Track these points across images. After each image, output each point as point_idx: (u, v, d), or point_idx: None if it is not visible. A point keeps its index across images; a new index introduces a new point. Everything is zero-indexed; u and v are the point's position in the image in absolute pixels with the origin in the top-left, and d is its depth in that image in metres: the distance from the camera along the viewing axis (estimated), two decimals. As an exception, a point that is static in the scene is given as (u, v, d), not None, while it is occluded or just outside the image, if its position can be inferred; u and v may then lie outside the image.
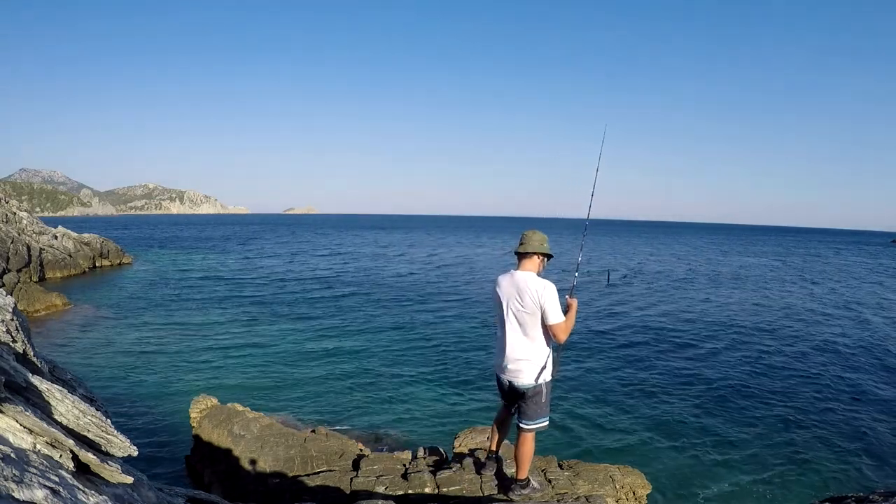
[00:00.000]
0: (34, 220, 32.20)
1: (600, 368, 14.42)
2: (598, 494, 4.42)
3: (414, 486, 4.56)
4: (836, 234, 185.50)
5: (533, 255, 3.69)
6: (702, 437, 10.34)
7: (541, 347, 3.64)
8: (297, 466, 6.14)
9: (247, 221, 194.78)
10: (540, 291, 3.51)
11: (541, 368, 3.64)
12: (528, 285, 3.55)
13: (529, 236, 3.71)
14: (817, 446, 10.09)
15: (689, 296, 27.31)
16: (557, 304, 3.55)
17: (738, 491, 8.53)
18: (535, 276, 3.64)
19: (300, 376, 13.34)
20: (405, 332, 18.16)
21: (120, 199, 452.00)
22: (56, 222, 37.52)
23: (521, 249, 3.69)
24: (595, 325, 19.52)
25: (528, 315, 3.56)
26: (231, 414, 7.83)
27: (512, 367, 3.67)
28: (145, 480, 2.46)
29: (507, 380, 3.74)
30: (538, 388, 3.66)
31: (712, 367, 14.80)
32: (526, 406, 3.72)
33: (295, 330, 18.21)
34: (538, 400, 3.69)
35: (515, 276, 3.66)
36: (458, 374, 13.69)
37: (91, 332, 17.40)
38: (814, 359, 15.86)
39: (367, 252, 52.59)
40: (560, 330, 3.56)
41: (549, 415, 3.84)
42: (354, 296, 25.46)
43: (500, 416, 4.19)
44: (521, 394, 3.70)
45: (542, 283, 3.57)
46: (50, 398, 1.86)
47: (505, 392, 3.89)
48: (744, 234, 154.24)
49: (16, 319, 2.29)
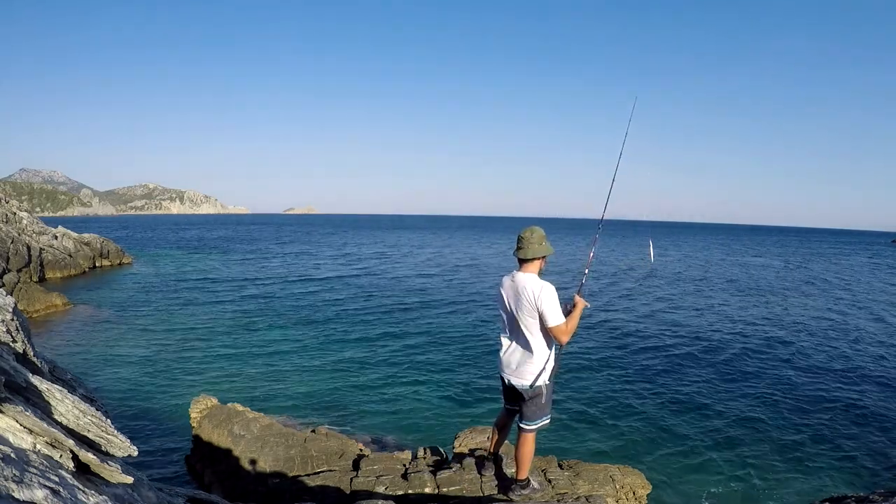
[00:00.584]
0: (34, 220, 32.21)
1: (601, 368, 14.42)
2: (598, 494, 4.42)
3: (414, 486, 4.56)
4: (833, 235, 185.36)
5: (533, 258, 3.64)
6: (702, 437, 10.35)
7: (541, 349, 3.62)
8: (298, 466, 6.15)
9: (247, 221, 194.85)
10: (537, 294, 3.48)
11: (540, 370, 3.64)
12: (526, 287, 3.53)
13: (528, 238, 3.61)
14: (817, 446, 10.09)
15: (690, 295, 27.32)
16: (556, 305, 3.50)
17: (739, 491, 8.54)
18: (536, 277, 3.60)
19: (300, 376, 13.35)
20: (406, 333, 18.15)
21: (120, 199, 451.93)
22: (56, 222, 37.52)
23: (520, 255, 3.62)
24: (596, 326, 19.53)
25: (528, 317, 3.55)
26: (231, 414, 7.83)
27: (512, 369, 3.71)
28: (145, 480, 2.46)
29: (507, 379, 3.77)
30: (538, 389, 3.67)
31: (713, 367, 14.79)
32: (526, 407, 3.74)
33: (295, 330, 18.21)
34: (538, 401, 3.70)
35: (516, 277, 3.65)
36: (459, 375, 13.69)
37: (91, 332, 17.40)
38: (814, 359, 15.86)
39: (367, 252, 52.59)
40: (560, 332, 3.51)
41: (551, 414, 3.85)
42: (355, 296, 25.45)
43: (501, 419, 4.20)
44: (521, 394, 3.72)
45: (540, 285, 3.52)
46: (50, 398, 1.86)
47: (507, 392, 3.91)
48: (744, 235, 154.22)
49: (16, 319, 2.29)
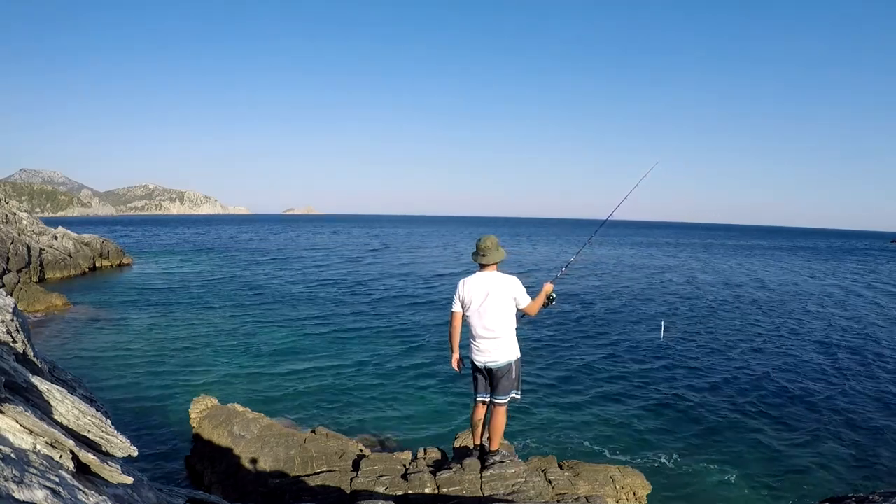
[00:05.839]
0: (34, 221, 32.20)
1: (601, 369, 14.42)
2: (598, 495, 4.43)
3: (414, 487, 4.55)
4: (830, 236, 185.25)
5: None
6: (702, 437, 10.34)
7: (510, 331, 4.38)
8: (298, 467, 6.15)
9: (247, 221, 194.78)
10: (511, 283, 4.36)
11: (510, 348, 4.37)
12: (500, 281, 4.36)
13: (488, 248, 4.37)
14: (818, 446, 10.08)
15: (691, 296, 27.33)
16: (524, 290, 4.39)
17: (739, 491, 8.53)
18: (500, 273, 4.44)
19: (300, 376, 13.33)
20: (407, 333, 18.15)
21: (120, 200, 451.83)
22: (56, 223, 37.50)
23: (483, 262, 4.40)
24: (596, 328, 19.52)
25: (503, 304, 4.31)
26: (231, 414, 7.84)
27: (489, 353, 4.36)
28: (145, 481, 2.46)
29: (483, 362, 4.39)
30: (510, 365, 4.37)
31: (713, 368, 14.79)
32: (500, 384, 4.38)
33: (295, 330, 18.20)
34: (510, 376, 4.39)
35: (485, 276, 4.40)
36: (459, 375, 13.67)
37: (91, 332, 17.39)
38: (814, 360, 15.86)
39: (368, 252, 52.57)
40: (531, 309, 4.40)
41: (520, 390, 4.54)
42: (356, 296, 25.45)
43: (477, 413, 4.70)
44: (495, 375, 4.38)
45: (509, 277, 4.40)
46: (50, 398, 1.86)
47: (480, 382, 4.54)
48: (744, 235, 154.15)
49: (16, 320, 2.30)
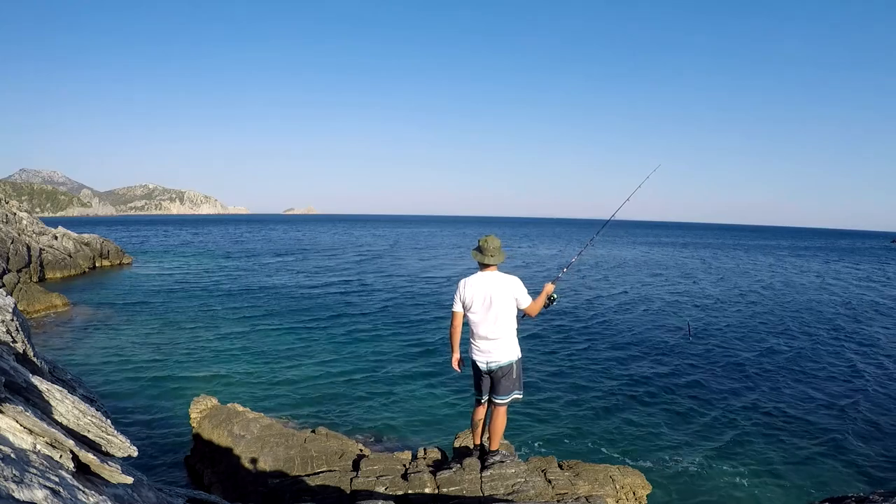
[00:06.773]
0: (34, 221, 32.18)
1: (602, 369, 14.42)
2: (598, 495, 4.42)
3: (414, 487, 4.55)
4: (831, 236, 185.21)
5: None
6: (702, 437, 10.34)
7: (511, 331, 4.35)
8: (297, 467, 6.15)
9: (247, 221, 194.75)
10: (513, 284, 4.32)
11: (511, 348, 4.34)
12: (502, 281, 4.32)
13: (493, 248, 4.35)
14: (818, 446, 10.09)
15: (692, 295, 27.33)
16: (525, 290, 4.35)
17: (739, 491, 8.53)
18: (500, 273, 4.41)
19: (301, 376, 13.33)
20: (407, 333, 18.14)
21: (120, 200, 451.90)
22: (56, 222, 37.49)
23: (487, 262, 4.36)
24: (596, 328, 19.53)
25: (505, 304, 4.27)
26: (231, 414, 7.83)
27: (490, 353, 4.33)
28: (145, 481, 2.46)
29: (484, 362, 4.35)
30: (510, 365, 4.33)
31: (713, 368, 14.79)
32: (500, 384, 4.35)
33: (296, 330, 18.20)
34: (510, 376, 4.35)
35: (487, 276, 4.36)
36: (460, 375, 13.67)
37: (91, 332, 17.39)
38: (814, 360, 15.86)
39: (368, 253, 52.58)
40: (532, 309, 4.36)
41: (521, 390, 4.51)
42: (356, 296, 25.44)
43: (478, 413, 4.71)
44: (496, 374, 4.35)
45: (511, 277, 4.36)
46: (50, 398, 1.86)
47: (480, 382, 4.51)
48: (744, 235, 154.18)
49: (16, 319, 2.30)
